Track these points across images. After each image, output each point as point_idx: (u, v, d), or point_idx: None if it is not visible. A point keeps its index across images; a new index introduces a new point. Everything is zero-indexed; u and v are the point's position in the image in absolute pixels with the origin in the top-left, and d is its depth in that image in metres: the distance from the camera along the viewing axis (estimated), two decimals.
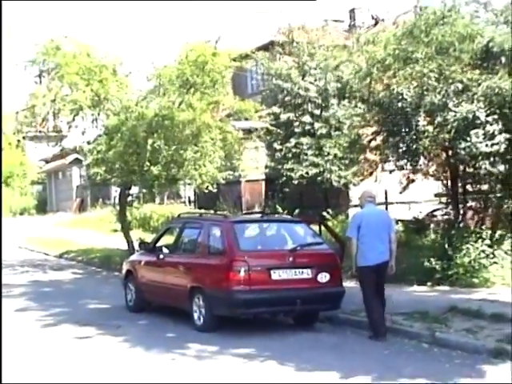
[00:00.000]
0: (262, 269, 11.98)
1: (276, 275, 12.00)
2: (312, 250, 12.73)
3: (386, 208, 22.54)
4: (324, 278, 12.30)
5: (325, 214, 22.74)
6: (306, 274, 12.22)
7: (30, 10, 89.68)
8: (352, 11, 35.38)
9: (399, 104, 16.50)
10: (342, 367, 9.80)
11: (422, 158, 17.59)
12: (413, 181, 18.67)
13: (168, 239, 15.30)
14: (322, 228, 14.44)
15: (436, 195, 22.79)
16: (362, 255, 12.01)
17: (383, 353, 10.77)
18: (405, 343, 11.36)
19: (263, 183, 29.59)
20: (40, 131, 23.65)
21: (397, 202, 24.05)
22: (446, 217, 19.30)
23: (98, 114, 21.00)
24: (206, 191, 21.55)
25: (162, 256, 14.13)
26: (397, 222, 22.13)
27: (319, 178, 24.02)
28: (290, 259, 12.14)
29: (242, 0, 65.26)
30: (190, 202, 36.37)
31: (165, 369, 10.05)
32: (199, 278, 12.65)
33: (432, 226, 20.08)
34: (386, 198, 22.42)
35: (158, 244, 14.84)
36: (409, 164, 17.81)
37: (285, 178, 24.48)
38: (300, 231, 13.38)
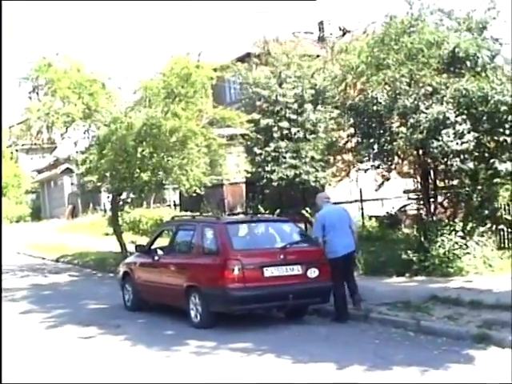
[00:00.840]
0: (255, 267, 11.73)
1: (268, 272, 11.74)
2: (301, 247, 12.51)
3: (362, 205, 22.37)
4: (313, 273, 12.07)
5: (304, 212, 22.47)
6: (297, 270, 11.98)
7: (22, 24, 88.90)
8: (321, 23, 35.15)
9: (374, 107, 16.38)
10: (336, 358, 9.52)
11: (396, 157, 17.37)
12: (388, 179, 18.45)
13: (161, 241, 14.92)
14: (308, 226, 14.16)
15: (405, 191, 22.64)
16: (331, 249, 12.38)
17: (373, 342, 10.51)
18: (392, 332, 11.13)
19: (244, 186, 29.29)
20: (35, 143, 23.24)
21: (370, 200, 23.86)
22: (418, 212, 19.11)
23: (90, 126, 20.71)
24: (194, 194, 21.30)
25: (157, 257, 13.83)
26: (370, 217, 22.12)
27: (297, 180, 23.75)
28: (281, 257, 11.90)
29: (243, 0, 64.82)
30: (175, 205, 36.04)
31: (167, 365, 9.75)
32: (195, 277, 12.34)
33: (408, 221, 19.93)
34: (360, 195, 22.20)
35: (153, 246, 14.51)
36: (383, 163, 17.64)
37: (265, 180, 24.20)
38: (288, 230, 13.14)
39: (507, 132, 15.50)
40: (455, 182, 17.93)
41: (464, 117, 15.45)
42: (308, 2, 48.00)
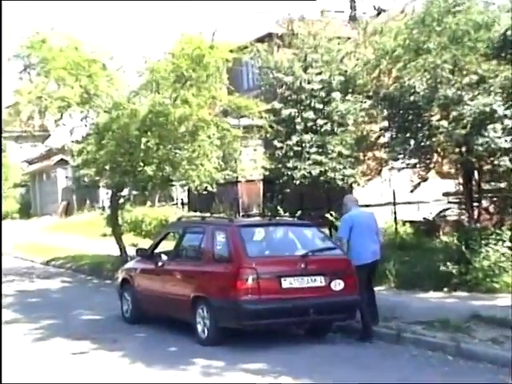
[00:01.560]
0: (272, 276, 11.63)
1: (287, 283, 11.64)
2: (325, 255, 12.39)
3: (395, 209, 22.18)
4: (338, 285, 11.96)
5: (328, 215, 22.34)
6: (319, 281, 11.87)
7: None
8: (353, 1, 35.03)
9: (411, 98, 16.32)
10: None
11: (435, 154, 17.25)
12: (426, 179, 18.31)
13: (166, 245, 14.86)
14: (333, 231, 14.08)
15: (444, 194, 22.50)
16: (357, 255, 12.44)
17: (407, 366, 10.38)
18: (428, 355, 10.98)
19: (261, 184, 29.22)
20: (25, 130, 23.30)
21: (404, 203, 23.70)
22: (459, 217, 18.97)
23: (88, 112, 20.63)
24: (205, 192, 21.23)
25: (161, 263, 13.79)
26: (404, 223, 21.96)
27: (322, 178, 23.63)
28: (302, 266, 11.78)
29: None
30: (182, 204, 36.04)
31: None
32: (203, 287, 12.27)
33: (447, 228, 19.77)
34: (393, 198, 22.01)
35: (157, 250, 14.48)
36: (421, 161, 17.52)
37: (285, 178, 24.08)
38: (310, 235, 13.08)
39: None
40: (503, 185, 17.77)
41: None
42: None
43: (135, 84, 21.25)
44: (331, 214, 22.26)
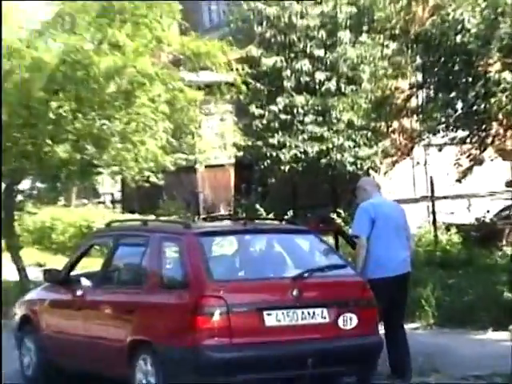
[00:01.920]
0: (250, 310, 11.57)
1: (272, 319, 11.58)
2: (328, 276, 12.34)
3: (433, 206, 22.27)
4: (349, 321, 11.92)
5: (333, 216, 22.46)
6: (321, 316, 11.82)
7: None
8: None
9: (457, 38, 16.28)
10: None
11: (494, 124, 17.35)
12: (480, 162, 18.40)
13: (89, 264, 14.83)
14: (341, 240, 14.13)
15: (508, 184, 22.64)
16: (378, 262, 12.57)
17: None
18: None
19: (232, 171, 29.33)
20: None
21: (447, 197, 23.86)
22: None
23: None
24: (147, 185, 21.23)
25: (81, 292, 13.72)
26: (447, 227, 22.04)
27: (324, 161, 23.74)
28: (294, 293, 11.71)
29: None
30: (113, 202, 36.10)
31: None
32: (146, 328, 12.19)
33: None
34: (432, 188, 22.11)
35: (75, 272, 14.46)
36: (473, 135, 17.62)
37: (268, 162, 24.17)
38: (307, 247, 13.07)
39: None
40: None
41: None
42: None
43: (38, 20, 21.18)
44: (338, 215, 22.35)
